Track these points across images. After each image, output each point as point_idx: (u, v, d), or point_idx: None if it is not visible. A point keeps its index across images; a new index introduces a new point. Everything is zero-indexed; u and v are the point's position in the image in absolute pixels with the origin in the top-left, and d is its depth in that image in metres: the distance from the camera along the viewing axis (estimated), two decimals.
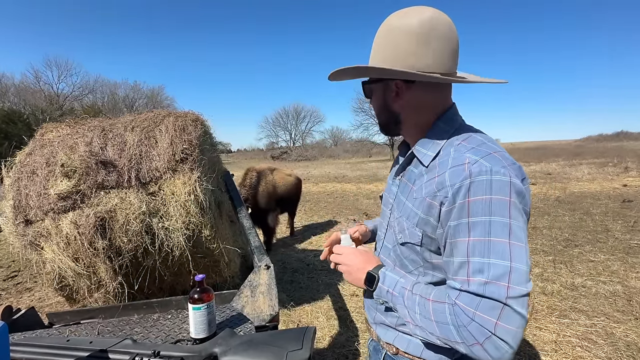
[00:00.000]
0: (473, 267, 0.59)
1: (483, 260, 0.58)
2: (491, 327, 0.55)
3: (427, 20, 0.68)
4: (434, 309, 0.63)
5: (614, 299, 3.01)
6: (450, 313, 0.60)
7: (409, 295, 0.68)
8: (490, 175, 0.60)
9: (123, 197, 1.86)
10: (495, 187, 0.59)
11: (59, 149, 1.96)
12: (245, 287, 1.40)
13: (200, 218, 1.94)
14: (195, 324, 0.90)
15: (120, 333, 1.03)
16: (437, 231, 0.67)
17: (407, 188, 0.77)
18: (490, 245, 0.58)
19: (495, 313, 0.56)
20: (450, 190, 0.62)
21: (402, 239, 0.75)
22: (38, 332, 1.07)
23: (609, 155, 18.03)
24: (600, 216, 5.88)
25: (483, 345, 0.56)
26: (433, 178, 0.68)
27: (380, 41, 0.74)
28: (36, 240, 1.80)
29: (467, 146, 0.67)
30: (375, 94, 0.80)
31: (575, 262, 3.94)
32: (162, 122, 2.11)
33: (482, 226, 0.59)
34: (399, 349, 0.79)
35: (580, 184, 9.51)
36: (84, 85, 34.63)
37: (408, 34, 0.69)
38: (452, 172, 0.64)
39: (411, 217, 0.72)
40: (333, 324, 2.82)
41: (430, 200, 0.67)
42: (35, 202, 1.84)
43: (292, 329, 0.80)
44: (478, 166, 0.61)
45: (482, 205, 0.59)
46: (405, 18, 0.70)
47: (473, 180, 0.60)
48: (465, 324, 0.58)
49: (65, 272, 1.79)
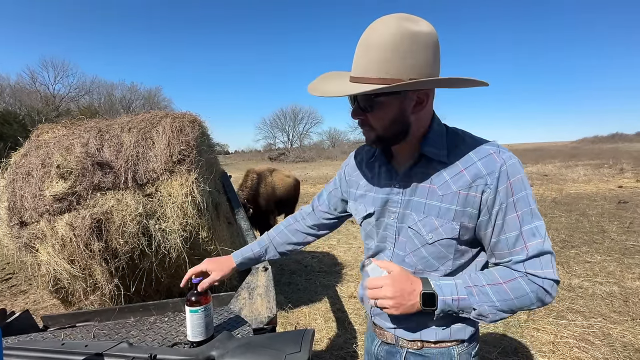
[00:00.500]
0: (526, 234, 0.71)
1: (531, 225, 0.71)
2: (553, 276, 0.70)
3: (434, 31, 0.71)
4: (511, 288, 0.71)
5: (611, 300, 3.02)
6: (526, 283, 0.71)
7: (477, 291, 0.72)
8: (512, 158, 0.73)
9: (119, 198, 1.85)
10: (518, 166, 0.73)
11: (54, 150, 1.94)
12: (243, 289, 1.39)
13: (197, 220, 1.93)
14: (192, 327, 0.89)
15: (116, 336, 1.01)
16: (481, 218, 0.74)
17: (424, 189, 0.78)
18: (531, 212, 0.72)
19: (551, 264, 0.71)
20: (490, 178, 0.71)
21: (434, 237, 0.76)
22: (32, 335, 1.05)
23: (605, 156, 18.17)
24: (596, 217, 5.92)
25: (551, 292, 0.71)
26: (460, 172, 0.74)
27: (397, 49, 0.66)
28: (31, 242, 1.78)
29: (474, 140, 0.77)
30: (384, 108, 0.73)
31: (572, 263, 3.95)
32: (159, 123, 2.11)
33: (522, 200, 0.71)
34: (425, 342, 0.82)
35: (576, 185, 9.57)
36: (81, 86, 34.43)
37: (426, 43, 0.68)
38: (485, 162, 0.73)
39: (443, 214, 0.75)
40: (331, 326, 2.81)
41: (466, 192, 0.73)
42: (30, 203, 1.82)
43: (291, 331, 0.79)
44: (503, 154, 0.73)
45: (519, 183, 0.71)
46: (419, 26, 0.68)
47: (508, 165, 0.71)
48: (540, 284, 0.70)
49: (60, 274, 1.77)
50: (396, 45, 0.66)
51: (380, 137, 0.77)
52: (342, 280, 3.74)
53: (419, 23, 0.68)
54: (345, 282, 3.69)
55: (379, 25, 0.68)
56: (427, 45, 0.68)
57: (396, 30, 0.66)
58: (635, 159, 15.43)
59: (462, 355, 0.82)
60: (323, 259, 4.49)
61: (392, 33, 0.66)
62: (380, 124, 0.75)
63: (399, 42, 0.66)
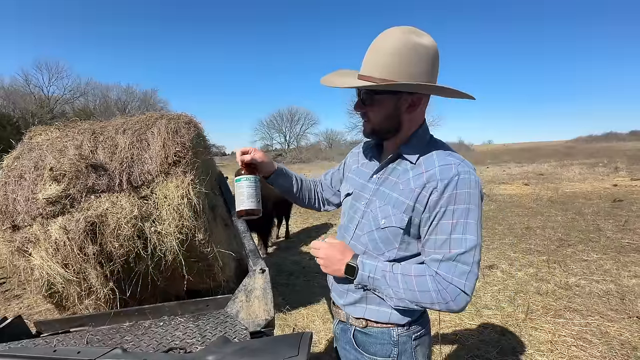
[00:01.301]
0: (453, 241, 0.79)
1: (461, 236, 0.79)
2: (462, 286, 0.78)
3: (435, 45, 0.83)
4: (418, 282, 0.81)
5: (608, 298, 3.04)
6: (432, 282, 0.80)
7: (390, 276, 0.84)
8: (469, 175, 0.82)
9: (114, 201, 1.82)
10: (472, 183, 0.81)
11: (47, 152, 1.91)
12: (240, 292, 1.37)
13: (193, 222, 1.91)
14: (237, 196, 0.94)
15: (110, 342, 0.99)
16: (423, 215, 0.83)
17: (390, 182, 0.91)
18: (467, 225, 0.79)
19: (464, 276, 0.78)
20: (441, 183, 0.80)
21: (386, 223, 0.87)
22: (24, 342, 1.03)
23: (599, 155, 18.34)
24: (592, 216, 5.96)
25: (455, 301, 0.78)
26: (421, 173, 0.85)
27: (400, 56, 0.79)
28: (24, 246, 1.75)
29: (445, 151, 0.87)
30: (381, 104, 0.87)
31: (569, 261, 3.97)
32: (154, 125, 2.08)
33: (462, 211, 0.79)
34: (369, 320, 0.94)
35: (571, 184, 9.64)
36: (75, 88, 34.19)
37: (427, 55, 0.81)
38: (442, 169, 0.82)
39: (398, 205, 0.86)
40: (329, 328, 2.79)
41: (419, 191, 0.83)
42: (23, 207, 1.79)
43: (288, 334, 0.78)
44: (462, 167, 0.82)
45: (464, 196, 0.79)
46: (422, 39, 0.80)
47: (460, 177, 0.80)
48: (445, 287, 0.78)
49: (54, 278, 1.74)
50: (400, 54, 0.80)
51: (374, 129, 0.91)
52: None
53: (423, 37, 0.81)
54: None
55: (389, 34, 0.82)
56: (427, 57, 0.81)
57: (402, 40, 0.80)
58: (629, 158, 15.58)
59: (402, 336, 0.92)
60: None
61: (398, 43, 0.80)
62: (376, 118, 0.89)
63: (402, 51, 0.79)
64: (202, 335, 1.01)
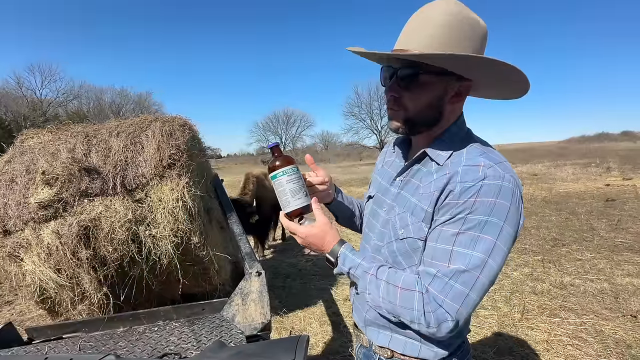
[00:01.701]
0: (455, 255, 0.64)
1: (465, 251, 0.63)
2: (453, 312, 0.63)
3: (486, 26, 0.71)
4: (402, 295, 0.67)
5: (602, 297, 3.06)
6: (419, 300, 0.65)
7: (372, 279, 0.72)
8: (501, 181, 0.64)
9: (108, 204, 1.80)
10: (503, 192, 0.64)
11: (40, 156, 1.89)
12: (236, 295, 1.36)
13: (188, 225, 1.89)
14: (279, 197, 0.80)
15: (103, 348, 0.98)
16: (433, 217, 0.70)
17: (412, 185, 0.77)
18: (478, 240, 0.63)
19: (460, 300, 0.63)
20: (459, 186, 0.65)
21: (404, 234, 0.74)
22: (15, 349, 1.01)
23: (592, 156, 18.58)
24: (585, 215, 6.02)
25: (438, 328, 0.64)
26: (444, 175, 0.70)
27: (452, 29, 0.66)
28: (15, 251, 1.72)
29: (479, 150, 0.71)
30: (426, 87, 0.71)
31: (563, 261, 4.01)
32: (149, 127, 2.06)
33: (477, 223, 0.63)
34: (395, 352, 0.79)
35: (565, 184, 9.75)
36: (69, 91, 33.86)
37: (482, 34, 0.69)
38: (466, 170, 0.67)
39: (417, 213, 0.73)
40: (326, 330, 2.78)
41: (438, 195, 0.69)
42: (14, 211, 1.76)
43: (285, 338, 0.77)
44: (493, 171, 0.65)
45: (485, 206, 0.63)
46: (474, 15, 0.69)
47: (486, 183, 0.64)
48: (433, 309, 0.64)
49: (46, 284, 1.71)
50: (459, 27, 0.66)
51: (409, 119, 0.74)
52: (337, 283, 3.72)
53: (475, 14, 0.69)
54: (340, 285, 3.68)
55: (441, 4, 0.67)
56: (483, 36, 0.69)
57: (459, 13, 0.66)
58: (621, 158, 15.81)
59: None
60: (317, 262, 4.46)
61: (456, 14, 0.66)
62: (415, 105, 0.72)
63: (461, 24, 0.66)
64: (197, 340, 1.00)
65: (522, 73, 0.66)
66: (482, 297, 0.65)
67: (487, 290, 0.65)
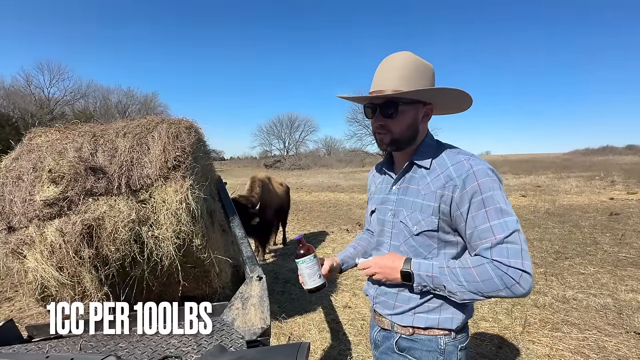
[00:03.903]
0: (495, 227, 0.81)
1: (500, 220, 0.81)
2: (521, 266, 0.78)
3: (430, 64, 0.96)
4: (478, 272, 0.81)
5: (605, 312, 3.02)
6: (492, 269, 0.80)
7: (449, 271, 0.85)
8: (482, 164, 0.87)
9: (112, 204, 1.81)
10: (488, 172, 0.86)
11: (47, 154, 1.91)
12: (237, 299, 1.36)
13: (191, 227, 1.89)
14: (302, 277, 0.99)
15: (103, 349, 0.98)
16: (454, 213, 0.87)
17: (411, 190, 0.95)
18: (501, 209, 0.82)
19: (519, 255, 0.79)
20: (459, 180, 0.86)
21: (418, 229, 0.91)
22: (16, 347, 1.01)
23: (596, 168, 18.47)
24: (589, 229, 5.97)
25: (520, 283, 0.78)
26: (438, 175, 0.90)
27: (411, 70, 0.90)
28: (19, 248, 1.73)
29: (454, 151, 0.94)
30: (404, 114, 0.92)
31: (566, 274, 3.96)
32: (155, 129, 2.08)
33: (490, 199, 0.83)
34: (416, 328, 0.94)
35: (568, 196, 9.68)
36: (76, 90, 34.15)
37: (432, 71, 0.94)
38: (456, 167, 0.88)
39: (425, 209, 0.91)
40: (325, 337, 2.76)
41: (442, 192, 0.88)
42: (19, 208, 1.77)
43: (285, 344, 0.77)
44: (472, 160, 0.88)
45: (486, 184, 0.84)
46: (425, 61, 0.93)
47: (474, 169, 0.85)
48: (505, 271, 0.78)
49: (48, 281, 1.71)
50: (416, 67, 0.90)
51: (395, 139, 0.95)
52: (337, 290, 3.70)
53: (424, 60, 0.94)
54: (339, 292, 3.65)
55: (399, 54, 0.92)
56: (432, 73, 0.94)
57: (413, 58, 0.92)
58: (625, 172, 15.69)
59: (449, 345, 0.93)
60: None
61: (411, 59, 0.91)
62: (399, 128, 0.93)
63: (417, 66, 0.91)
64: (197, 343, 0.99)
65: (464, 92, 0.90)
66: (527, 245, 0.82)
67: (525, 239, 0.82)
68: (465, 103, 0.96)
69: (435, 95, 0.92)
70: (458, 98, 0.94)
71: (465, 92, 0.90)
